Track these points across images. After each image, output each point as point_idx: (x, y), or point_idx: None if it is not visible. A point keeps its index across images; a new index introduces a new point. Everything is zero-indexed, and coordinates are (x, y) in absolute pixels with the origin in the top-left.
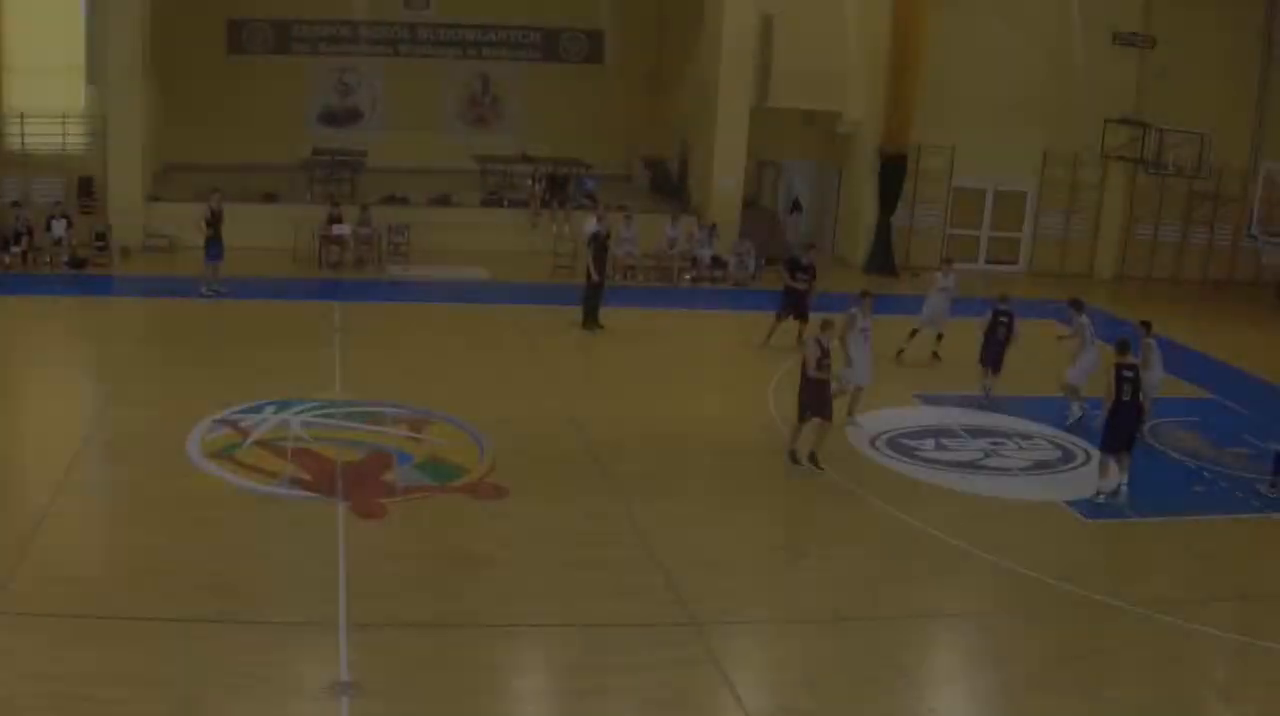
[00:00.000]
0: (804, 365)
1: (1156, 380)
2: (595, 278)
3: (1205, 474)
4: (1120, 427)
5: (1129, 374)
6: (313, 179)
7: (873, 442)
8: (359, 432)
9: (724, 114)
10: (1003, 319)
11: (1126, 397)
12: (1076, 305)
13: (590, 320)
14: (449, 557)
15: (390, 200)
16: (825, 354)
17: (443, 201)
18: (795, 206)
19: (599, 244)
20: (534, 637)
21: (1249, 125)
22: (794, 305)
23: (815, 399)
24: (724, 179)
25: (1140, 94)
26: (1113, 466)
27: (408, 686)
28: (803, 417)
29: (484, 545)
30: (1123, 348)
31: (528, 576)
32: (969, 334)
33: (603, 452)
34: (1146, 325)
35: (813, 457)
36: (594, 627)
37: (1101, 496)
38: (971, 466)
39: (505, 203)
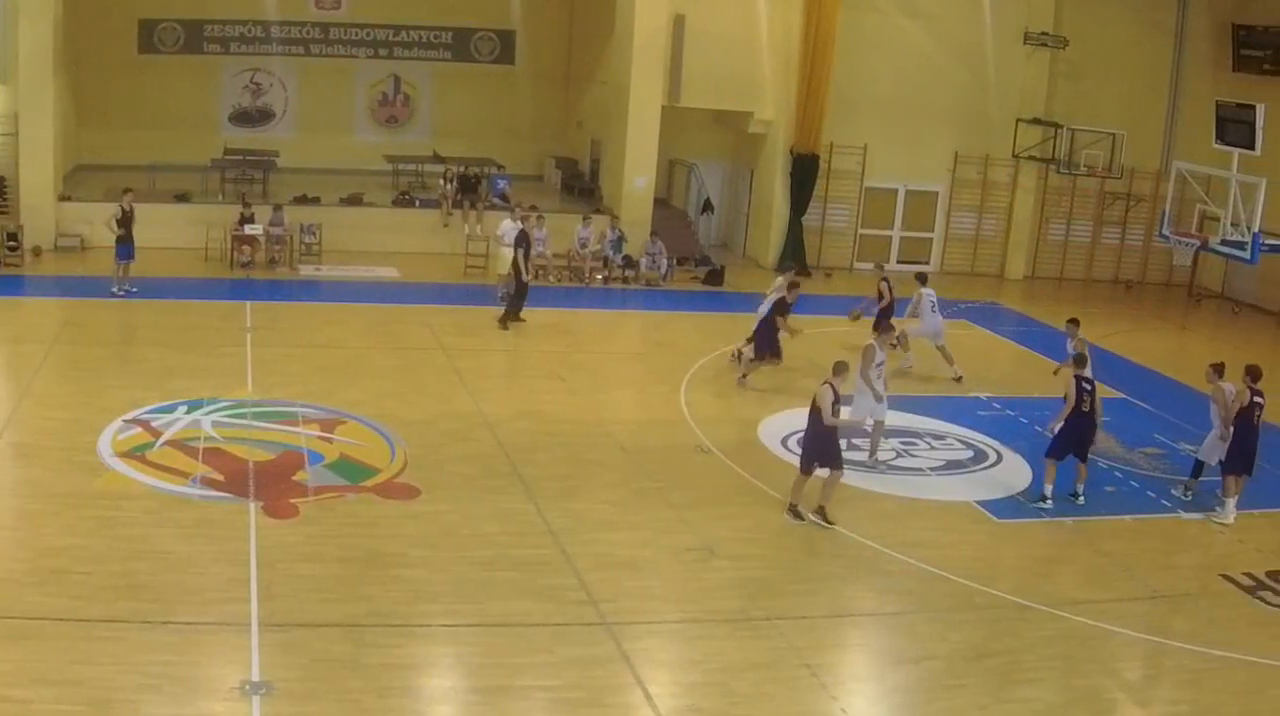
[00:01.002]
0: (816, 413)
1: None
2: (526, 276)
3: (1117, 474)
4: (1070, 435)
5: (1089, 387)
6: (224, 179)
7: (784, 442)
8: (270, 432)
9: (635, 114)
10: (888, 286)
11: (1086, 408)
12: (921, 278)
13: (511, 316)
14: (361, 557)
15: (302, 200)
16: (839, 400)
17: (354, 201)
18: (707, 206)
19: (527, 243)
20: (445, 637)
21: (1161, 125)
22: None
23: (825, 448)
24: (636, 179)
25: (1051, 94)
26: (1054, 471)
27: (319, 686)
28: (807, 469)
29: (396, 545)
30: (1080, 361)
31: (439, 576)
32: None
33: (514, 452)
34: (1075, 323)
35: (821, 512)
36: (506, 627)
37: (1048, 502)
38: (883, 466)
39: (417, 203)
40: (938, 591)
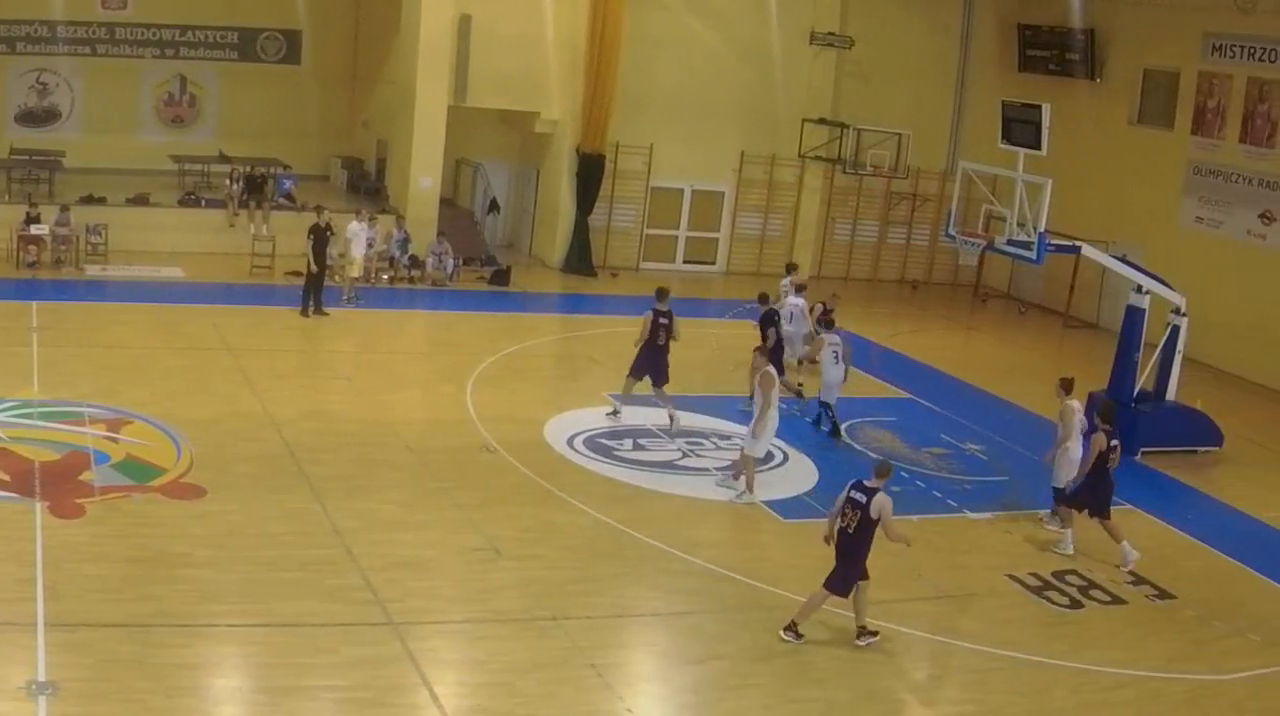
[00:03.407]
0: (869, 525)
1: (835, 378)
2: (315, 267)
3: (902, 473)
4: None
5: (664, 321)
6: (10, 179)
7: (570, 442)
8: (56, 432)
9: (421, 114)
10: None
11: (661, 342)
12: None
13: (316, 309)
14: (147, 557)
15: (88, 200)
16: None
17: (140, 201)
18: (493, 206)
19: (319, 236)
20: (232, 637)
21: (947, 125)
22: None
23: (851, 559)
24: (422, 179)
25: (838, 94)
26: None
27: (106, 686)
28: (846, 590)
29: (182, 545)
30: (662, 294)
31: (225, 576)
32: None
33: (301, 453)
34: (828, 323)
35: (863, 630)
36: (292, 627)
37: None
38: (669, 466)
39: (203, 203)
40: (724, 591)
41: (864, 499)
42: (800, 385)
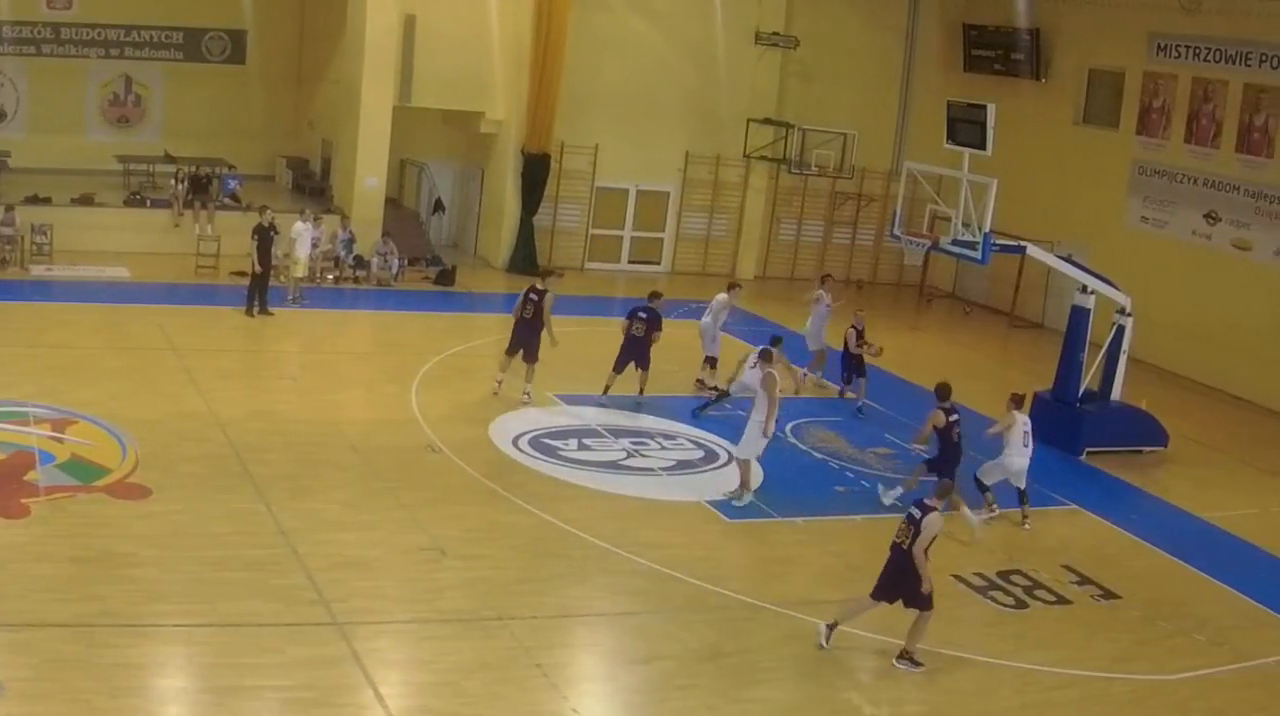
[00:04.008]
0: (905, 535)
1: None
2: (258, 268)
3: (848, 474)
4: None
5: (534, 297)
6: None
7: (515, 442)
8: (1, 432)
9: (366, 114)
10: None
11: (528, 317)
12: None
13: (261, 309)
14: (92, 557)
15: (33, 200)
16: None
17: (86, 201)
18: (438, 206)
19: (263, 236)
20: (177, 637)
21: (892, 125)
22: (637, 354)
23: (905, 577)
24: (367, 179)
25: (783, 94)
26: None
27: (51, 686)
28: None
29: (127, 545)
30: (543, 275)
31: (170, 576)
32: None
33: (245, 453)
34: (764, 350)
35: (906, 655)
36: (237, 627)
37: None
38: (614, 466)
39: (148, 203)
40: (670, 591)
41: (920, 515)
42: (609, 390)
